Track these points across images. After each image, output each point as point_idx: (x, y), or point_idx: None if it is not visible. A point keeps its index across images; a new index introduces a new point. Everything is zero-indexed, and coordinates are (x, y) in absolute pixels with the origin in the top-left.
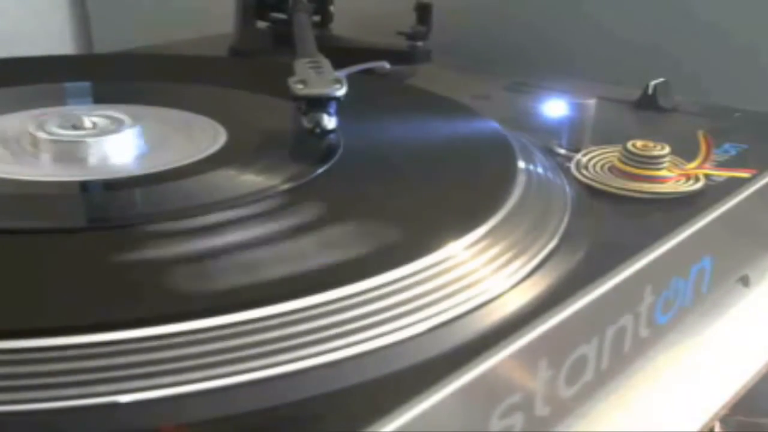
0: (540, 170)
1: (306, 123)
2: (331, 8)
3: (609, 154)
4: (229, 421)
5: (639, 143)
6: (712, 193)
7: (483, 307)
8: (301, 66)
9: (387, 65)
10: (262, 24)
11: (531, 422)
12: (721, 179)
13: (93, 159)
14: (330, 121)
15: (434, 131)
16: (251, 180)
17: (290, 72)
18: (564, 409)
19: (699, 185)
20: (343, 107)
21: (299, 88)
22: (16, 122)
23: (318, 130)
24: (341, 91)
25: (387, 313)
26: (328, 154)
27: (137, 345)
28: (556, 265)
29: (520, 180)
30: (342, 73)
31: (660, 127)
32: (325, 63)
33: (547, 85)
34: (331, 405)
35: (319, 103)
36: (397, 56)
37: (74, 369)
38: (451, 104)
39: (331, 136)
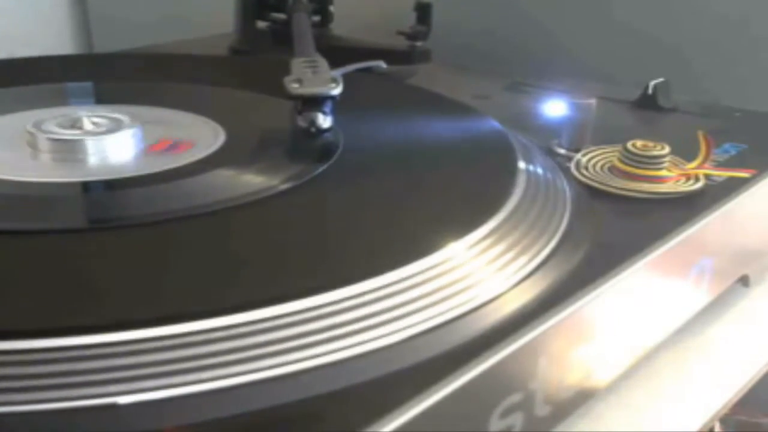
0: (540, 170)
1: (301, 122)
2: (331, 8)
3: (609, 154)
4: (229, 422)
5: (639, 143)
6: (712, 193)
7: (483, 307)
8: (298, 65)
9: (383, 64)
10: (262, 24)
11: (531, 422)
12: (721, 179)
13: (93, 159)
14: (325, 120)
15: (435, 131)
16: (250, 180)
17: (289, 72)
18: (564, 409)
19: (699, 185)
20: (343, 107)
21: (295, 87)
22: (16, 122)
23: (313, 129)
24: (336, 90)
25: (387, 314)
26: (327, 153)
27: (137, 346)
28: (556, 265)
29: (521, 180)
30: (338, 73)
31: (660, 127)
32: (322, 62)
33: (547, 85)
34: (331, 405)
35: (315, 102)
36: (397, 56)
37: (74, 370)
38: (452, 104)
39: (331, 135)
